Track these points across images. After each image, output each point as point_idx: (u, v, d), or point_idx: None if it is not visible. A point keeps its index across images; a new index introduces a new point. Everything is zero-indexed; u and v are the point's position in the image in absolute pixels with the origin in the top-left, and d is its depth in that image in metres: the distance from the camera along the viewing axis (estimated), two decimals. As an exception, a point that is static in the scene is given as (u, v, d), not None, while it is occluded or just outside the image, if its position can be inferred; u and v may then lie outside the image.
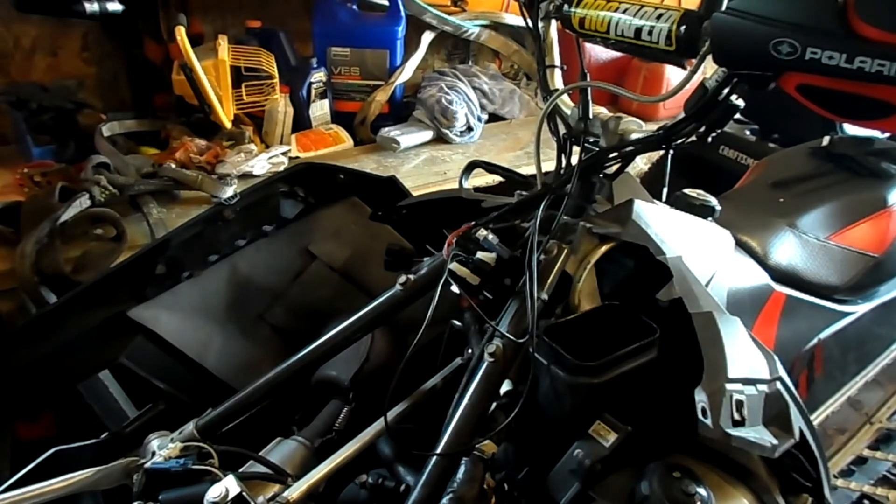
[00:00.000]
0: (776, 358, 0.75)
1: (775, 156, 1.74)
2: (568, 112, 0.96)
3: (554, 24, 0.98)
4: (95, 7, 1.79)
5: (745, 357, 0.72)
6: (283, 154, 1.96)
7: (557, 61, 1.00)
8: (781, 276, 1.19)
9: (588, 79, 0.90)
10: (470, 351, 0.97)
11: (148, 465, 0.87)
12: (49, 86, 1.88)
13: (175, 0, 2.06)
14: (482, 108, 2.42)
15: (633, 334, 0.78)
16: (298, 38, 2.20)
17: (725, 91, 0.73)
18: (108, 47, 2.08)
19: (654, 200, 0.96)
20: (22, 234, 1.42)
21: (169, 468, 0.86)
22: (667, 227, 0.87)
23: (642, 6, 0.79)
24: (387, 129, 2.22)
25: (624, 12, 0.80)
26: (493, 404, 0.85)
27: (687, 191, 1.08)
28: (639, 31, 0.78)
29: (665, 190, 1.01)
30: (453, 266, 0.88)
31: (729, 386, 0.67)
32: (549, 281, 0.86)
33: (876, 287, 1.42)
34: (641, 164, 2.40)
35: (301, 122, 2.13)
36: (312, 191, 1.31)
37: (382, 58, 2.23)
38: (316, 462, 0.88)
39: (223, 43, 1.86)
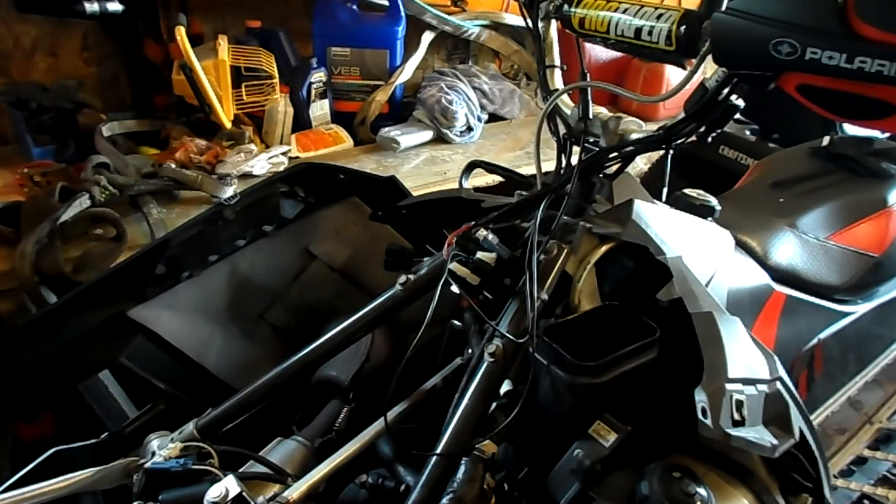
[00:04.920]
0: (776, 358, 0.75)
1: (775, 156, 1.74)
2: (568, 112, 0.96)
3: (554, 24, 0.98)
4: (95, 7, 1.79)
5: (745, 357, 0.72)
6: (283, 154, 1.96)
7: (557, 61, 1.00)
8: (781, 276, 1.19)
9: (588, 79, 0.90)
10: (470, 351, 0.97)
11: (148, 465, 0.87)
12: (49, 86, 1.88)
13: (175, 0, 2.06)
14: (482, 108, 2.42)
15: (633, 334, 0.78)
16: (298, 38, 2.20)
17: (725, 91, 0.73)
18: (108, 47, 2.07)
19: (654, 200, 0.96)
20: (22, 234, 1.42)
21: (169, 468, 0.86)
22: (667, 227, 0.87)
23: (642, 6, 0.79)
24: (387, 129, 2.22)
25: (624, 12, 0.80)
26: (493, 404, 0.85)
27: (687, 191, 1.08)
28: (639, 31, 0.78)
29: (665, 190, 1.01)
30: (453, 266, 0.88)
31: (729, 386, 0.67)
32: (549, 281, 0.86)
33: (876, 287, 1.42)
34: (641, 164, 2.40)
35: (301, 122, 2.12)
36: (312, 191, 1.31)
37: (382, 58, 2.23)
38: (316, 462, 0.88)
39: (223, 43, 1.86)
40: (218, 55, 1.84)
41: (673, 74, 2.48)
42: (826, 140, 1.61)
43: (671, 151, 0.86)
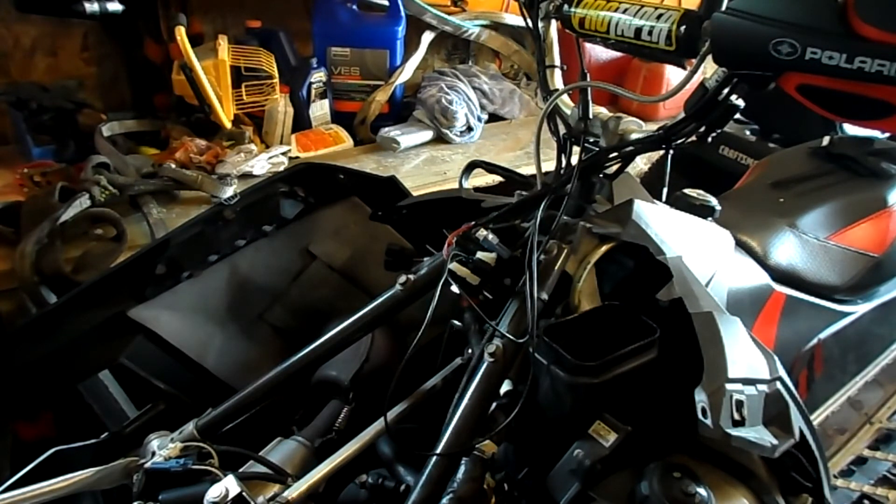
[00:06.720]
0: (776, 358, 0.75)
1: (775, 156, 1.74)
2: (568, 112, 0.96)
3: (554, 24, 0.98)
4: (95, 7, 1.79)
5: (745, 357, 0.72)
6: (283, 154, 1.96)
7: (557, 61, 1.00)
8: (781, 276, 1.19)
9: (588, 79, 0.90)
10: (470, 351, 0.97)
11: (148, 465, 0.87)
12: (49, 86, 1.89)
13: (175, 0, 2.06)
14: (482, 108, 2.42)
15: (633, 334, 0.77)
16: (298, 38, 2.20)
17: (725, 91, 0.73)
18: (108, 47, 2.08)
19: (654, 200, 0.96)
20: (22, 234, 1.42)
21: (169, 468, 0.86)
22: (667, 227, 0.87)
23: (642, 6, 0.79)
24: (387, 129, 2.22)
25: (624, 12, 0.80)
26: (493, 404, 0.85)
27: (687, 191, 1.08)
28: (639, 31, 0.78)
29: (665, 190, 1.01)
30: (453, 266, 0.88)
31: (729, 386, 0.67)
32: (549, 281, 0.86)
33: (876, 287, 1.42)
34: (641, 164, 2.40)
35: (301, 122, 2.13)
36: (312, 191, 1.31)
37: (382, 58, 2.23)
38: (316, 462, 0.88)
39: (223, 43, 1.86)
40: (218, 55, 1.84)
41: (673, 74, 2.48)
42: (826, 140, 1.61)
43: (671, 151, 0.86)
